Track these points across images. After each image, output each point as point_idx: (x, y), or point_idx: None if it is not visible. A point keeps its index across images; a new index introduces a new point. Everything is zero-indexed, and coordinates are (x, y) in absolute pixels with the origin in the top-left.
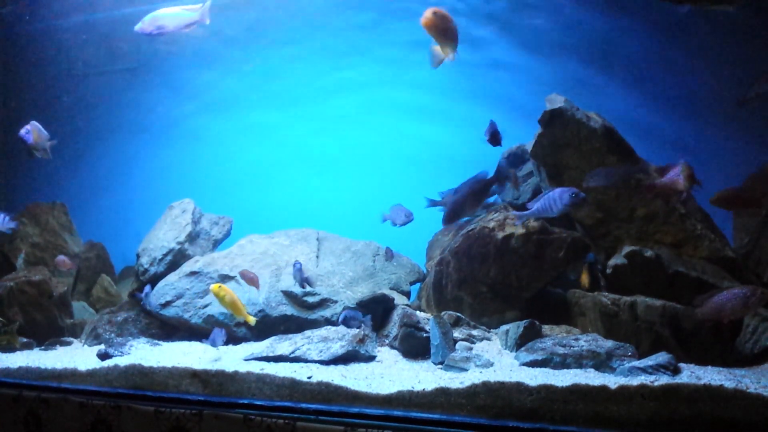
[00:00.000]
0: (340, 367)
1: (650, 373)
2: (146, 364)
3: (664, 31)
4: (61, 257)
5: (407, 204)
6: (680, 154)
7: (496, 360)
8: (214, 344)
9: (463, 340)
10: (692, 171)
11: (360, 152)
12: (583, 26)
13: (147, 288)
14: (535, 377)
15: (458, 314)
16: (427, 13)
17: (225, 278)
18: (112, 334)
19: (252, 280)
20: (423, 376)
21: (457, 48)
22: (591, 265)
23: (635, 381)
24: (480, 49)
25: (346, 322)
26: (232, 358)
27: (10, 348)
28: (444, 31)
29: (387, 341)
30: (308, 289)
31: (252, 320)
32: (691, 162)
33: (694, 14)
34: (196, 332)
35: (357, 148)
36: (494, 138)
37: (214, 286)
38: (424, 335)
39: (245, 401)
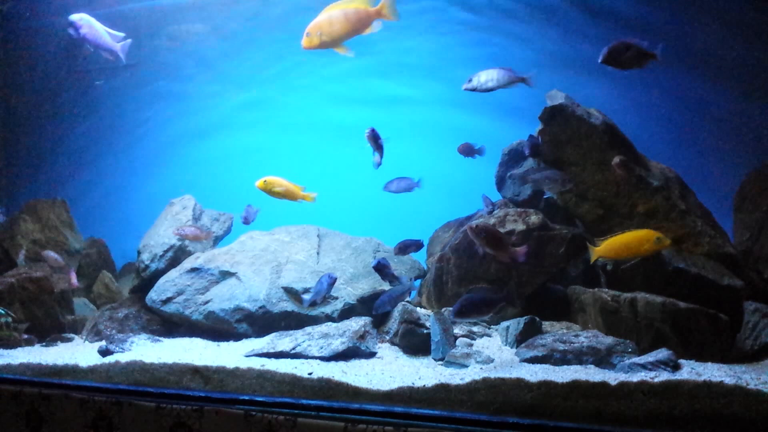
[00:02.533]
0: (341, 364)
1: (650, 370)
2: (147, 360)
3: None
4: (50, 253)
5: (408, 204)
6: None
7: (496, 356)
8: (246, 222)
9: (463, 336)
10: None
11: (359, 151)
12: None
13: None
14: (536, 373)
15: None
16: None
17: (226, 274)
18: (113, 331)
19: (196, 237)
20: (423, 372)
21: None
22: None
23: (635, 377)
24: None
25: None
26: (233, 355)
27: (10, 343)
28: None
29: (387, 337)
30: (310, 285)
31: (312, 196)
32: None
33: None
34: (197, 328)
35: (357, 147)
36: (535, 151)
37: (259, 182)
38: (425, 331)
39: (246, 397)
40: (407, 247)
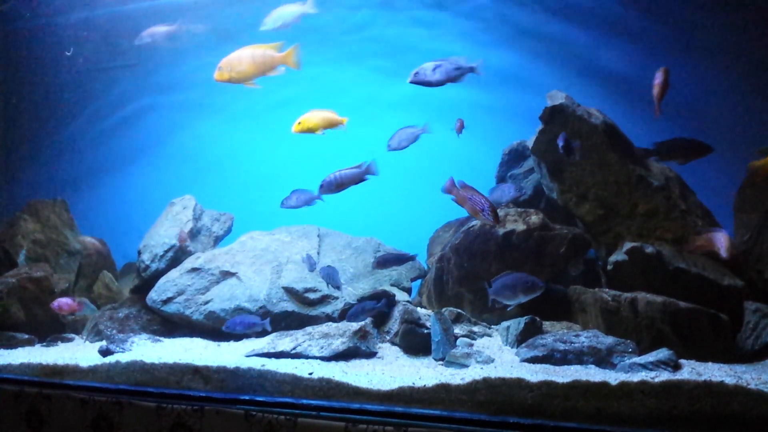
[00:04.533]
0: (341, 364)
1: (651, 370)
2: (148, 360)
3: None
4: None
5: (409, 204)
6: None
7: (496, 356)
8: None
9: (463, 336)
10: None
11: (359, 149)
12: None
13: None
14: (536, 373)
15: (459, 310)
16: None
17: (226, 274)
18: (114, 331)
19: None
20: (424, 372)
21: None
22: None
23: (636, 377)
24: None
25: (354, 318)
26: (234, 355)
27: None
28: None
29: (388, 337)
30: (310, 285)
31: (344, 120)
32: None
33: None
34: (198, 329)
35: (356, 145)
36: (568, 149)
37: (295, 126)
38: (425, 331)
39: (247, 397)
40: (387, 261)
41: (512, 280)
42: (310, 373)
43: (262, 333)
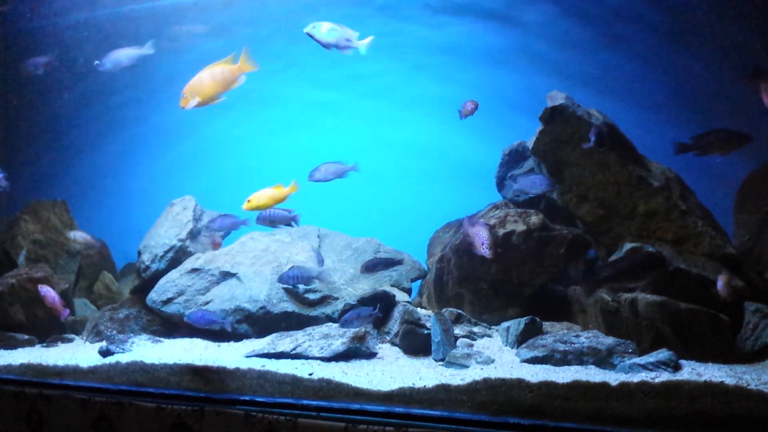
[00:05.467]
0: (341, 364)
1: (651, 370)
2: (148, 360)
3: None
4: (52, 294)
5: (409, 204)
6: None
7: (497, 357)
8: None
9: (464, 336)
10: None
11: (359, 149)
12: None
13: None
14: (536, 374)
15: (459, 311)
16: None
17: (226, 275)
18: (114, 331)
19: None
20: (424, 373)
21: None
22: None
23: (636, 378)
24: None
25: (348, 324)
26: (234, 355)
27: None
28: None
29: (388, 338)
30: (311, 285)
31: (294, 189)
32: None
33: None
34: (198, 329)
35: (356, 145)
36: (601, 139)
37: (245, 205)
38: (425, 332)
39: (246, 398)
40: (376, 265)
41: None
42: (310, 374)
43: (241, 336)
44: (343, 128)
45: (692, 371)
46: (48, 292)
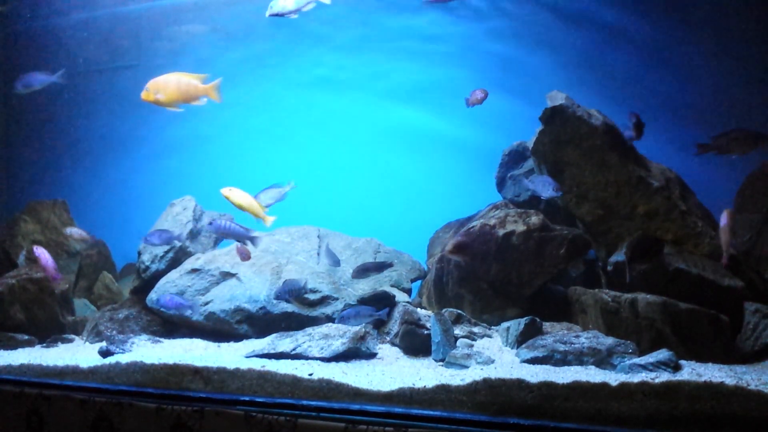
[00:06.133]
0: (341, 364)
1: (651, 370)
2: (148, 361)
3: None
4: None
5: (409, 204)
6: None
7: (497, 357)
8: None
9: (464, 337)
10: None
11: (359, 149)
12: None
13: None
14: (536, 374)
15: (459, 311)
16: None
17: (226, 275)
18: (114, 332)
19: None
20: (424, 373)
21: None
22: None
23: (636, 378)
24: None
25: (346, 320)
26: (234, 355)
27: None
28: None
29: (388, 338)
30: (310, 286)
31: (270, 221)
32: None
33: None
34: (198, 329)
35: (357, 145)
36: (639, 129)
37: (224, 189)
38: (425, 332)
39: (246, 398)
40: (366, 270)
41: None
42: (310, 374)
43: (241, 336)
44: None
45: (692, 371)
46: (42, 253)
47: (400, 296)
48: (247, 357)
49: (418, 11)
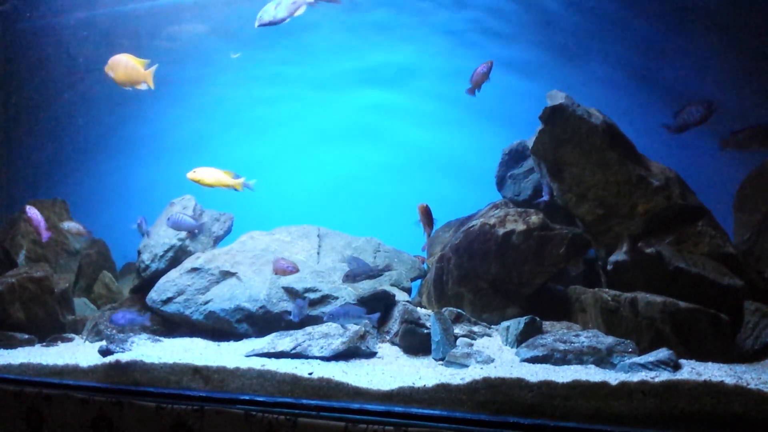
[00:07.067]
0: (341, 363)
1: (651, 369)
2: (147, 360)
3: None
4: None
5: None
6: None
7: (496, 356)
8: (295, 317)
9: (463, 336)
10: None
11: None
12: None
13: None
14: (536, 373)
15: (459, 310)
16: None
17: (226, 274)
18: (114, 331)
19: (284, 270)
20: (424, 372)
21: None
22: None
23: (636, 377)
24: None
25: (333, 318)
26: (234, 355)
27: None
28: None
29: (388, 337)
30: (310, 285)
31: (239, 183)
32: None
33: None
34: (198, 328)
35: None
36: (706, 118)
37: (190, 173)
38: (425, 331)
39: (246, 397)
40: (356, 276)
41: None
42: (310, 373)
43: (240, 336)
44: (345, 130)
45: (692, 371)
46: (35, 214)
47: (400, 295)
48: (247, 356)
49: None
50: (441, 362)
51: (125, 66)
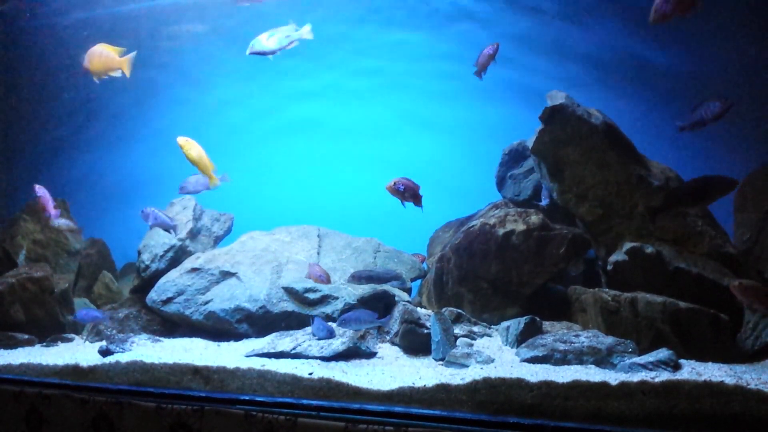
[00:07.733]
0: (341, 364)
1: (651, 370)
2: (147, 360)
3: None
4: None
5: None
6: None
7: (496, 356)
8: (316, 334)
9: (463, 336)
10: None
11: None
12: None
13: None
14: (536, 373)
15: (459, 311)
16: None
17: (226, 275)
18: (114, 331)
19: (320, 279)
20: (424, 373)
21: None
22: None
23: (636, 377)
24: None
25: (346, 324)
26: (234, 355)
27: None
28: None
29: (388, 338)
30: (310, 285)
31: (216, 181)
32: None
33: None
34: (198, 329)
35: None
36: (722, 114)
37: (180, 138)
38: (425, 332)
39: (246, 397)
40: (367, 278)
41: None
42: (310, 373)
43: (240, 336)
44: (346, 130)
45: (692, 371)
46: (44, 193)
47: (400, 295)
48: (247, 356)
49: None
50: (441, 362)
51: (99, 55)
